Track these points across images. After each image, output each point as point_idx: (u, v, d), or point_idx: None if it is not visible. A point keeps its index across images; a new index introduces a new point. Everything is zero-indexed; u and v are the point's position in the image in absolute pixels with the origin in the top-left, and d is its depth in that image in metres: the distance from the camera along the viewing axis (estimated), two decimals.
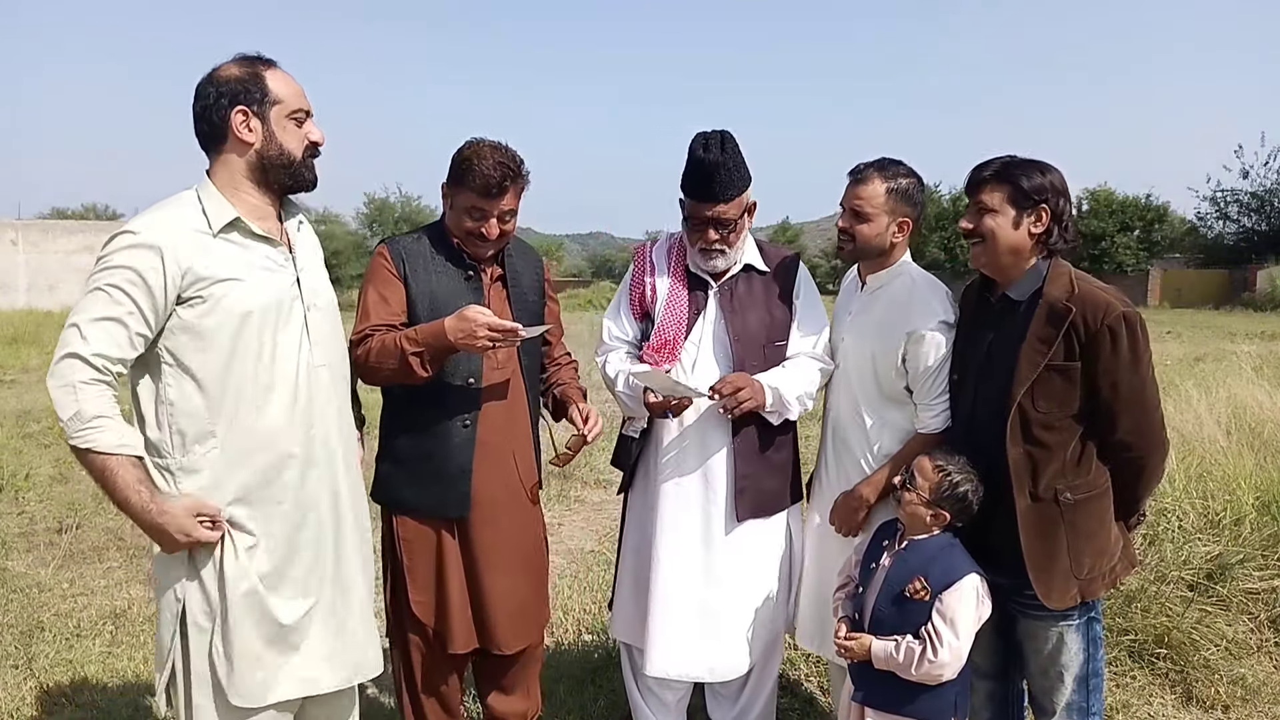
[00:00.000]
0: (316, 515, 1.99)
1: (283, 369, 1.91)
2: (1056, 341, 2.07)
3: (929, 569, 2.11)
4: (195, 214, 1.86)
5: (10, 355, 13.78)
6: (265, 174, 1.93)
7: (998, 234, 2.15)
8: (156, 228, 1.81)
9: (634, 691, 2.76)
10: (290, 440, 1.93)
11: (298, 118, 1.94)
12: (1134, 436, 2.10)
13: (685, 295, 2.52)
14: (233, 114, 1.87)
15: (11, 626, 3.78)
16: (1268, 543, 3.78)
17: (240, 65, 1.90)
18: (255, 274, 1.89)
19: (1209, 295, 29.65)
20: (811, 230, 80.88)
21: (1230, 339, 15.51)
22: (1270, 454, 4.51)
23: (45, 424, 8.12)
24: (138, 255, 1.77)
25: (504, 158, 2.26)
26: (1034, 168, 2.14)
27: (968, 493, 2.13)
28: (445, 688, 2.54)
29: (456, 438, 2.36)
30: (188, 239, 1.82)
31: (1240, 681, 3.18)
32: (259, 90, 1.89)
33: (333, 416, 2.03)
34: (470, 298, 2.36)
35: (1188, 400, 5.69)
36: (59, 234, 30.90)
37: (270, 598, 1.91)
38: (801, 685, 3.28)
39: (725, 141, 2.37)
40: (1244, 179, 33.99)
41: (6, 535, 5.02)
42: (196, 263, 1.81)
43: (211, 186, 1.91)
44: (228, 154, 1.91)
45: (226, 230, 1.87)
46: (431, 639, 2.46)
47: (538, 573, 2.57)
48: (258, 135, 1.90)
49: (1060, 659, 2.22)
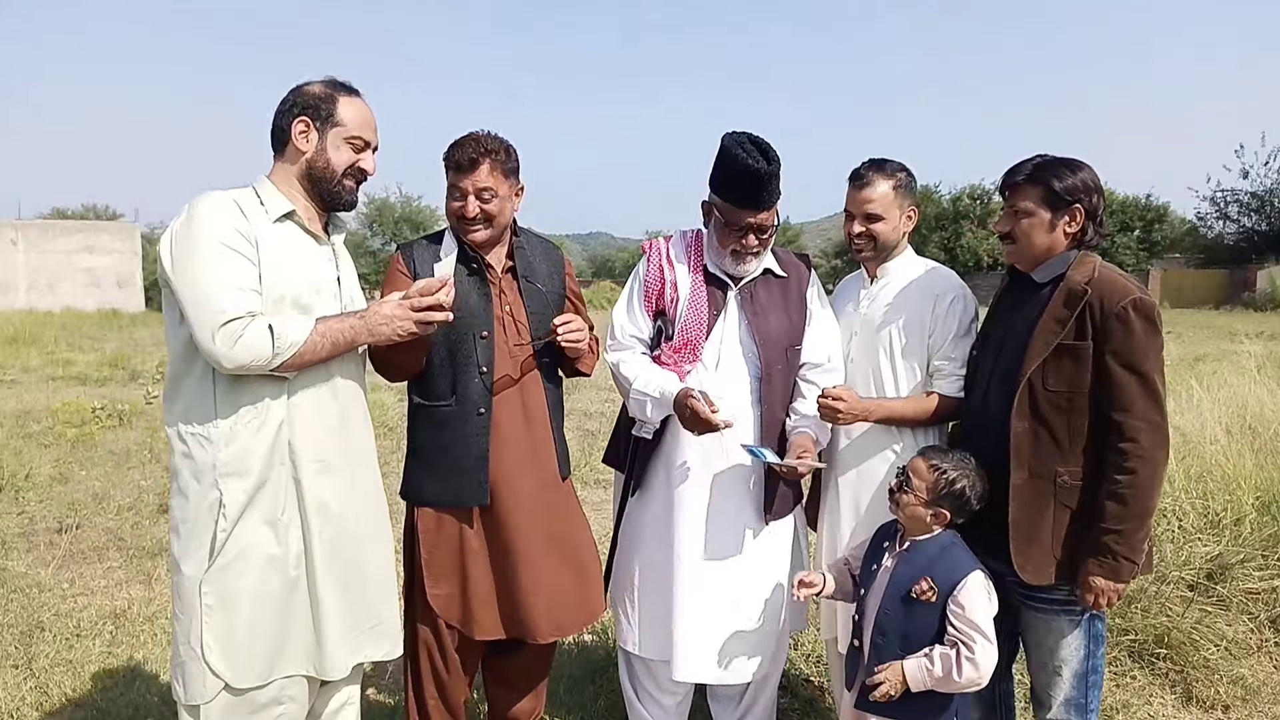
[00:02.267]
0: (334, 506, 2.07)
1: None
2: (1070, 321, 2.09)
3: (933, 569, 2.11)
4: (255, 203, 2.02)
5: (10, 355, 13.79)
6: (311, 183, 2.09)
7: (1033, 236, 2.17)
8: (232, 197, 1.98)
9: (632, 698, 2.75)
10: (316, 423, 2.04)
11: (355, 144, 2.09)
12: (1139, 422, 2.06)
13: (705, 295, 2.52)
14: (295, 122, 2.04)
15: (11, 626, 3.78)
16: (1268, 543, 3.78)
17: (324, 85, 2.09)
18: (301, 261, 2.05)
19: (1209, 295, 29.65)
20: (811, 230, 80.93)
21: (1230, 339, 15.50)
22: (1270, 454, 4.51)
23: (45, 424, 8.13)
24: (229, 214, 1.94)
25: (481, 136, 2.34)
26: (1065, 167, 2.14)
27: (965, 489, 2.12)
28: (453, 689, 2.54)
29: (472, 426, 2.38)
30: (257, 217, 1.99)
31: (1240, 681, 3.18)
32: (327, 110, 2.06)
33: (356, 409, 2.16)
34: (481, 291, 2.39)
35: (1189, 399, 5.68)
36: (59, 234, 30.91)
37: (284, 580, 2.00)
38: (802, 685, 3.28)
39: (768, 150, 2.37)
40: (1244, 179, 34.06)
41: (6, 535, 5.02)
42: (265, 234, 1.98)
43: (269, 183, 2.07)
44: (285, 158, 2.09)
45: (281, 220, 2.03)
46: (444, 637, 2.45)
47: (579, 561, 2.53)
48: (311, 147, 2.06)
49: (1060, 653, 2.22)
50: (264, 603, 1.98)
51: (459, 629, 2.45)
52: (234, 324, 1.85)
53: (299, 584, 2.03)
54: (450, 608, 2.43)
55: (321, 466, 2.04)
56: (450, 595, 2.43)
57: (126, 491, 5.93)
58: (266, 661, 2.00)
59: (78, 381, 11.41)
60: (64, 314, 24.88)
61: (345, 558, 2.09)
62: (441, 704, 2.54)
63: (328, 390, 2.07)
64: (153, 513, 5.50)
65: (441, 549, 2.43)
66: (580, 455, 6.82)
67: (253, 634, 1.98)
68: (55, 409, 8.66)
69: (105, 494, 5.87)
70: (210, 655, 1.95)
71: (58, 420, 8.19)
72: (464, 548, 2.42)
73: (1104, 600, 2.10)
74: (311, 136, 2.05)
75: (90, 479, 6.33)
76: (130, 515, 5.44)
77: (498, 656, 2.59)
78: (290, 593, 2.02)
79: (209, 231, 1.90)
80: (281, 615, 2.01)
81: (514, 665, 2.62)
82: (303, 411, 2.02)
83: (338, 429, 2.09)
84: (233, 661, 1.96)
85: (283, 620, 2.01)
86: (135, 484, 6.11)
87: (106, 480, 6.28)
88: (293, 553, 2.02)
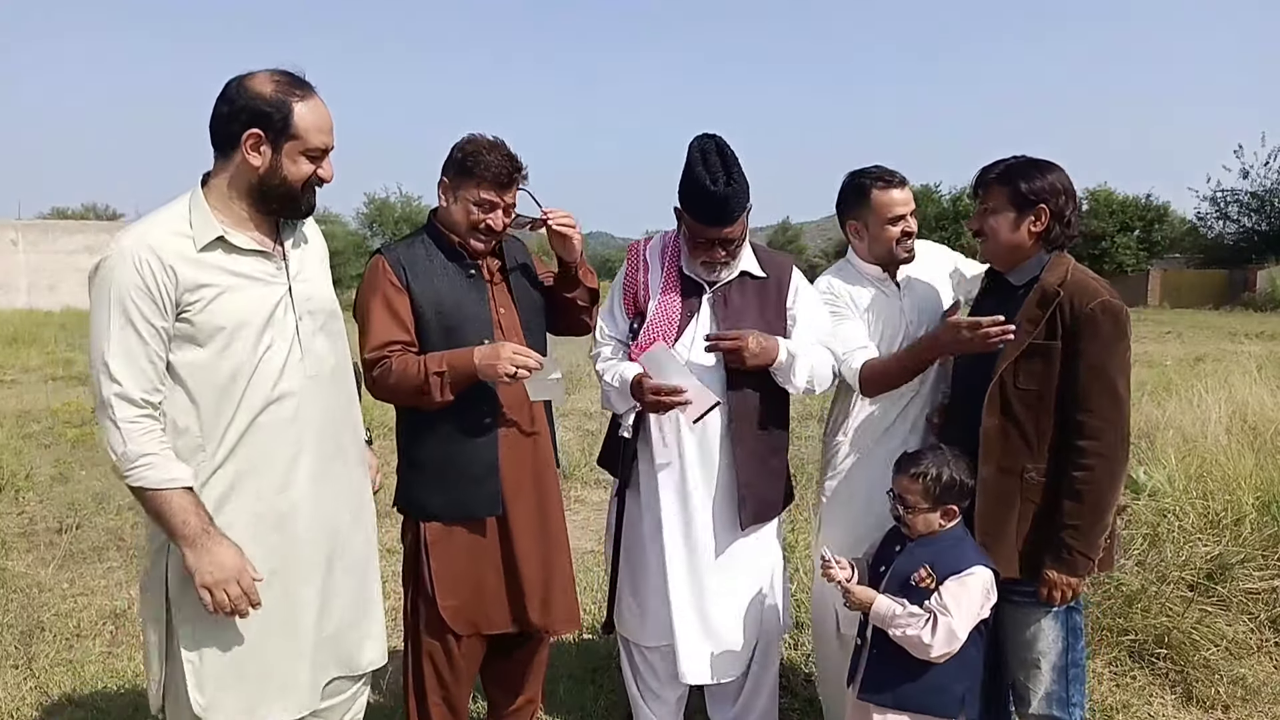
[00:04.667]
0: (295, 533, 1.96)
1: (272, 382, 1.89)
2: (1042, 322, 2.16)
3: (937, 560, 2.13)
4: (184, 227, 1.84)
5: (10, 355, 13.79)
6: (262, 198, 1.90)
7: (999, 232, 2.26)
8: (151, 237, 1.80)
9: (634, 691, 2.76)
10: (285, 453, 1.92)
11: (312, 154, 1.89)
12: (1100, 423, 2.12)
13: (678, 297, 2.51)
14: (246, 135, 1.82)
15: (11, 626, 3.78)
16: (1268, 543, 3.78)
17: (275, 85, 1.84)
18: (242, 285, 1.87)
19: (1209, 295, 29.62)
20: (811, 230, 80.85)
21: (1230, 339, 15.51)
22: (1270, 454, 4.50)
23: (45, 424, 8.13)
24: (139, 269, 1.76)
25: (508, 151, 2.33)
26: (1035, 169, 2.22)
27: (952, 475, 2.15)
28: (459, 694, 2.53)
29: (480, 435, 2.36)
30: (181, 251, 1.81)
31: (1240, 681, 3.17)
32: (281, 121, 1.83)
33: (328, 428, 2.00)
34: (476, 295, 2.37)
35: (1189, 399, 5.68)
36: (59, 234, 30.89)
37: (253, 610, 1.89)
38: (802, 685, 3.28)
39: (731, 169, 2.33)
40: (1244, 179, 34.00)
41: (6, 535, 5.03)
42: (188, 274, 1.80)
43: (201, 198, 1.88)
44: (230, 167, 1.88)
45: (209, 248, 1.84)
46: (450, 646, 2.44)
47: (568, 552, 2.58)
48: (264, 162, 1.85)
49: (1037, 646, 2.26)
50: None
51: (465, 635, 2.44)
52: (128, 409, 1.77)
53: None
54: (460, 617, 2.41)
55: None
56: (460, 605, 2.41)
57: (126, 491, 5.85)
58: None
59: (78, 381, 11.40)
60: (64, 314, 24.86)
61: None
62: (446, 709, 2.53)
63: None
64: None
65: (453, 560, 2.39)
66: (580, 455, 6.82)
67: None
68: (55, 409, 8.66)
69: (105, 494, 5.87)
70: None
71: (58, 420, 8.19)
72: (476, 555, 2.40)
73: (1058, 594, 2.17)
74: (264, 150, 1.84)
75: (90, 479, 6.33)
76: (130, 515, 5.44)
77: (496, 656, 2.59)
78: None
79: (116, 294, 1.75)
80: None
81: (512, 663, 2.62)
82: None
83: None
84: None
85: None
86: None
87: (106, 480, 6.27)
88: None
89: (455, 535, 2.39)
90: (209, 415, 1.85)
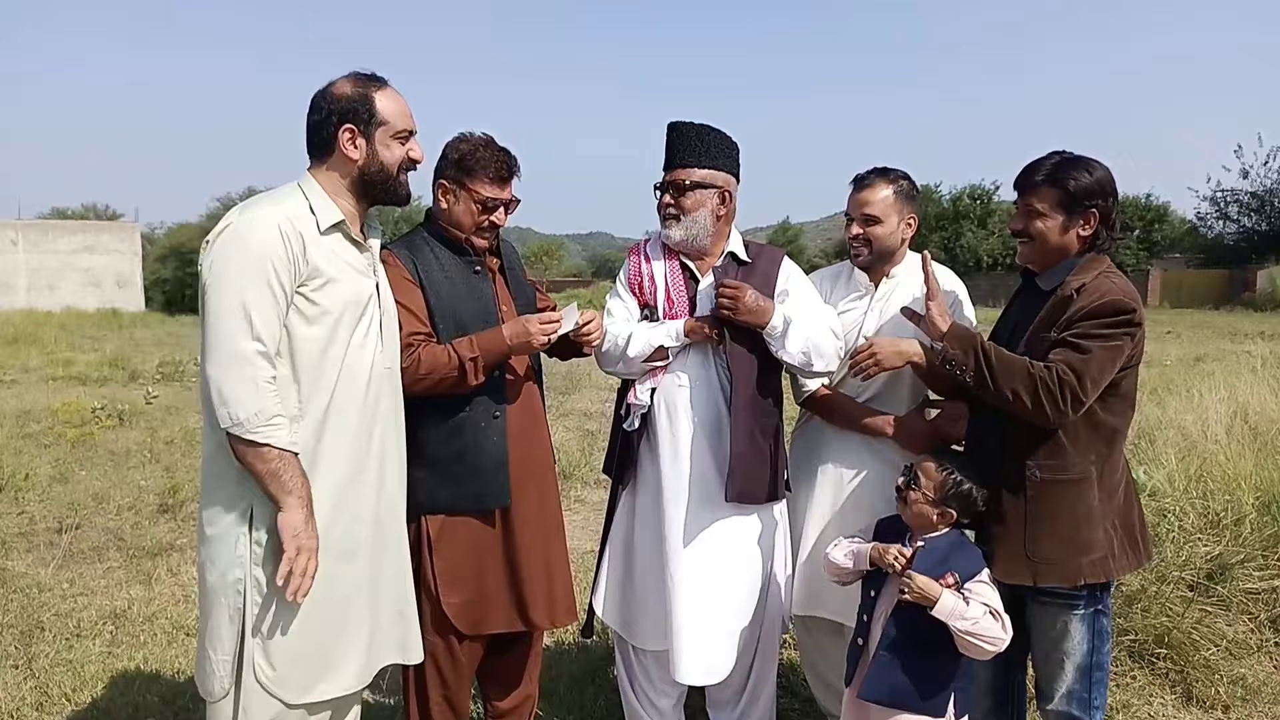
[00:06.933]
0: (364, 515, 2.07)
1: (361, 367, 2.04)
2: (1053, 328, 2.12)
3: (950, 565, 2.13)
4: (304, 211, 1.98)
5: (10, 355, 13.81)
6: (365, 187, 2.07)
7: (1047, 237, 2.19)
8: (285, 211, 1.93)
9: (630, 696, 2.75)
10: (362, 438, 2.05)
11: (401, 137, 2.06)
12: (1060, 361, 2.05)
13: (683, 281, 2.60)
14: (341, 131, 2.00)
15: (11, 626, 3.78)
16: (1268, 543, 3.78)
17: (353, 84, 2.03)
18: (349, 274, 2.03)
19: (1209, 295, 29.64)
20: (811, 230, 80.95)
21: (1231, 339, 15.52)
22: (1270, 454, 4.51)
23: (45, 424, 8.13)
24: (284, 236, 1.89)
25: (501, 146, 2.38)
26: (1084, 169, 2.14)
27: (972, 490, 2.16)
28: (460, 693, 2.53)
29: (489, 429, 2.38)
30: (308, 230, 1.95)
31: (1240, 681, 3.18)
32: (368, 111, 2.01)
33: (393, 417, 2.15)
34: (483, 291, 2.41)
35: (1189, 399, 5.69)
36: (59, 234, 30.93)
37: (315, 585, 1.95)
38: (802, 685, 3.28)
39: (704, 125, 2.50)
40: (1244, 179, 34.03)
41: (6, 535, 5.02)
42: (313, 253, 1.94)
43: (317, 186, 2.03)
44: (333, 166, 2.04)
45: (330, 231, 2.00)
46: (453, 644, 2.44)
47: (565, 542, 2.62)
48: (362, 153, 2.02)
49: (1063, 645, 2.24)
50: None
51: (468, 633, 2.44)
52: (266, 368, 1.85)
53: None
54: (464, 614, 2.41)
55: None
56: (465, 602, 2.40)
57: (126, 491, 5.94)
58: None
59: (78, 381, 11.41)
60: (64, 314, 24.89)
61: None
62: (447, 707, 2.52)
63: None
64: (153, 513, 5.51)
65: (457, 555, 2.39)
66: (580, 455, 6.82)
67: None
68: (55, 409, 8.66)
69: (105, 494, 5.87)
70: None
71: (58, 420, 8.20)
72: (479, 550, 2.41)
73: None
74: (360, 142, 2.01)
75: (90, 479, 6.33)
76: (130, 515, 5.45)
77: (492, 653, 2.59)
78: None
79: (256, 255, 1.86)
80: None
81: (509, 659, 2.62)
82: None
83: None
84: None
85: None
86: (135, 484, 6.12)
87: (106, 480, 6.28)
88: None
89: (458, 529, 2.39)
90: (306, 391, 1.95)
